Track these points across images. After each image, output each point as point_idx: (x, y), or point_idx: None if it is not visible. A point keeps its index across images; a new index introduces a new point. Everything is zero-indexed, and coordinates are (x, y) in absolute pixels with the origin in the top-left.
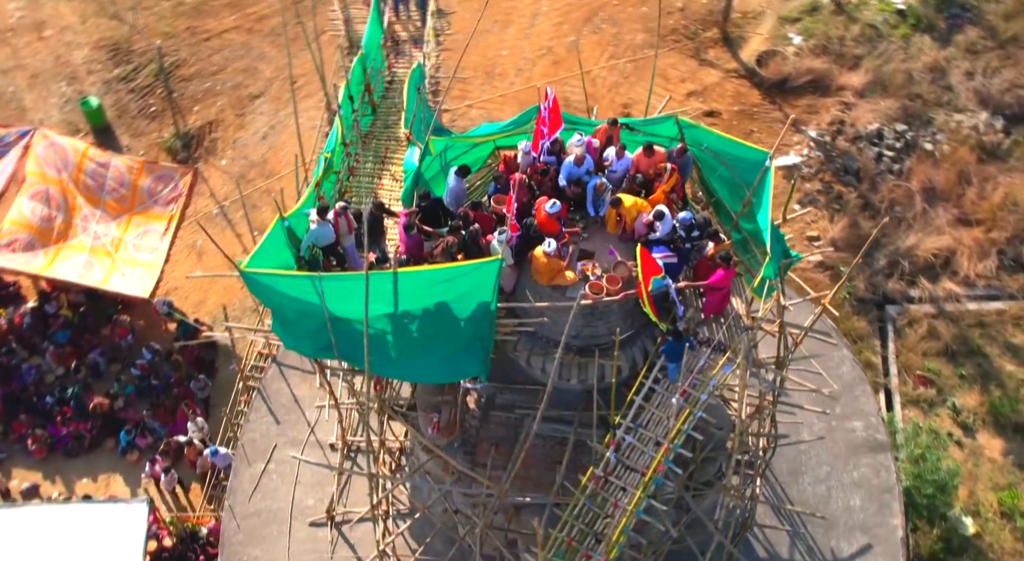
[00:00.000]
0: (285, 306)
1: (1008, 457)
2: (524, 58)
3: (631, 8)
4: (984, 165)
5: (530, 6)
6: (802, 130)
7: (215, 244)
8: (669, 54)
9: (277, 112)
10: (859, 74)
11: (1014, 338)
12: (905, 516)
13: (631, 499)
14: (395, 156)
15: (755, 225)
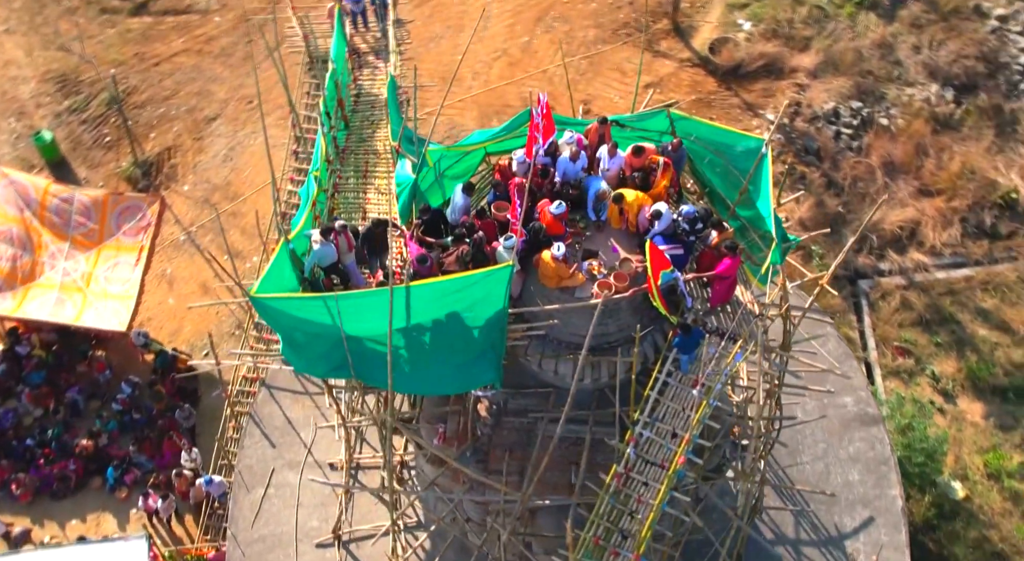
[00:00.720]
0: (296, 329)
1: (989, 420)
2: (480, 62)
3: (581, 5)
4: (939, 136)
5: (480, 10)
6: (760, 114)
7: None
8: (622, 48)
9: (235, 133)
10: (810, 55)
11: (984, 303)
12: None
13: (656, 493)
14: (376, 170)
15: (753, 212)
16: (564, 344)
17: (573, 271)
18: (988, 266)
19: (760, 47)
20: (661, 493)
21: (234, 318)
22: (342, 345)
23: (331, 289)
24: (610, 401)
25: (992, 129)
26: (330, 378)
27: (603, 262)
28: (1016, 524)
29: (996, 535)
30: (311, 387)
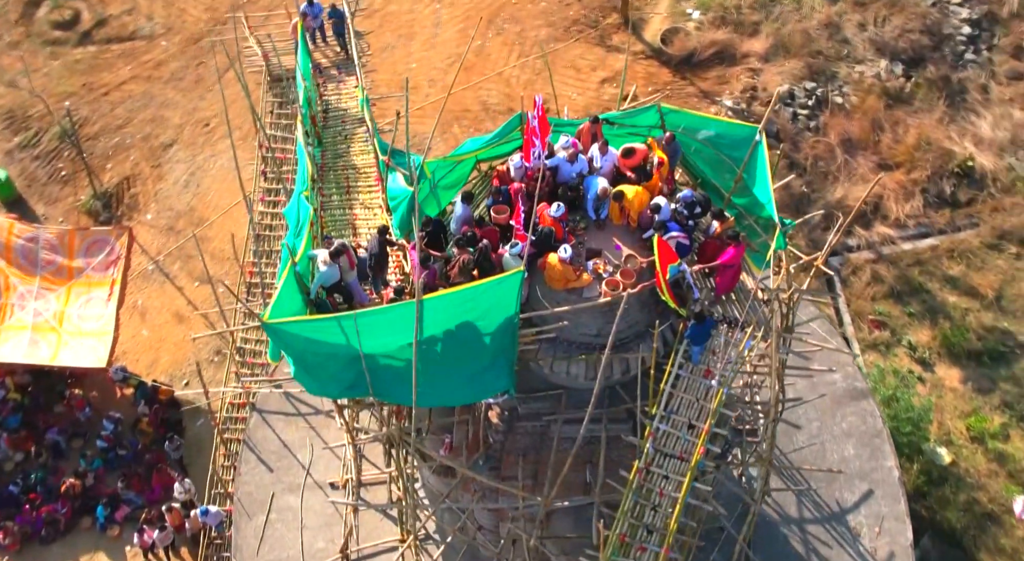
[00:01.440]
0: (309, 351)
1: (967, 384)
2: (434, 68)
3: (530, 5)
4: (892, 110)
5: (430, 16)
6: (717, 101)
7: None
8: (575, 45)
9: (194, 158)
10: (760, 40)
11: (951, 270)
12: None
13: (679, 485)
14: (358, 185)
15: (748, 199)
16: (575, 345)
17: (579, 272)
18: (952, 234)
19: (711, 35)
20: (685, 484)
21: (212, 345)
22: (355, 364)
23: (336, 308)
24: (620, 398)
25: (942, 100)
26: (344, 398)
27: (608, 261)
28: (1003, 484)
29: (985, 497)
30: (303, 408)
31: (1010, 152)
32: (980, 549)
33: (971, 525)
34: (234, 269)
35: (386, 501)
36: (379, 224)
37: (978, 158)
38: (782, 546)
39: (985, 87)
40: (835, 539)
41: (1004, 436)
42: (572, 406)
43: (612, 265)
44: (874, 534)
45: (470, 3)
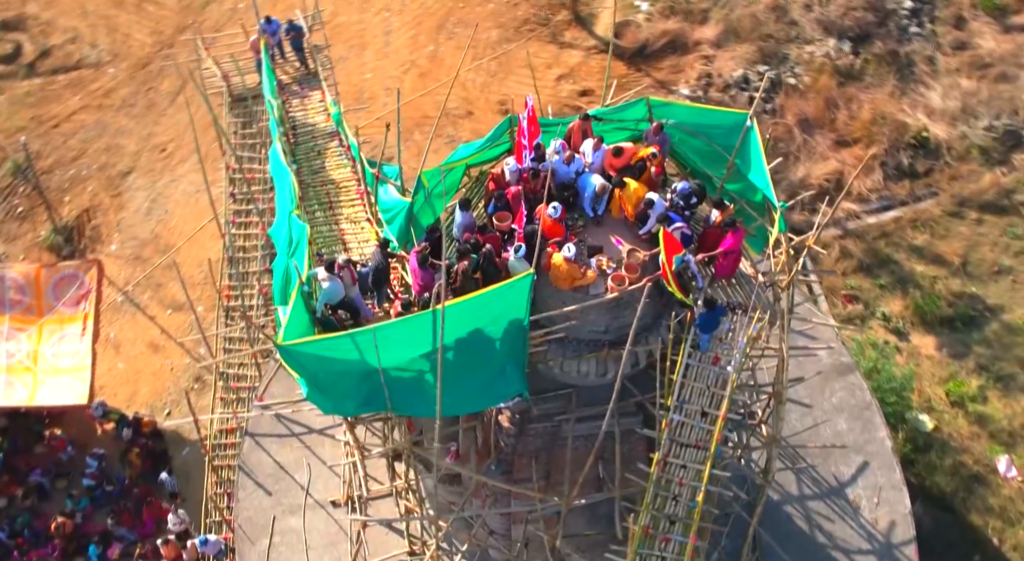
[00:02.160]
0: (323, 370)
1: (942, 350)
2: (389, 77)
3: (479, 8)
4: (845, 88)
5: (380, 25)
6: (674, 90)
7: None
8: (528, 44)
9: (154, 184)
10: (711, 27)
11: (916, 240)
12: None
13: (698, 473)
14: (340, 199)
15: (741, 185)
16: (584, 343)
17: (584, 270)
18: (913, 205)
19: (661, 25)
20: (706, 472)
21: (191, 372)
22: (368, 380)
23: (342, 325)
24: (629, 392)
25: (892, 74)
26: (359, 414)
27: (610, 256)
28: (986, 445)
29: (970, 459)
30: (296, 428)
31: (962, 120)
32: (970, 511)
33: (959, 488)
34: (206, 294)
35: (391, 515)
36: (366, 237)
37: (932, 128)
38: (786, 525)
39: (931, 59)
40: (836, 513)
41: (982, 398)
42: (582, 404)
43: (615, 260)
44: (873, 505)
45: (419, 9)
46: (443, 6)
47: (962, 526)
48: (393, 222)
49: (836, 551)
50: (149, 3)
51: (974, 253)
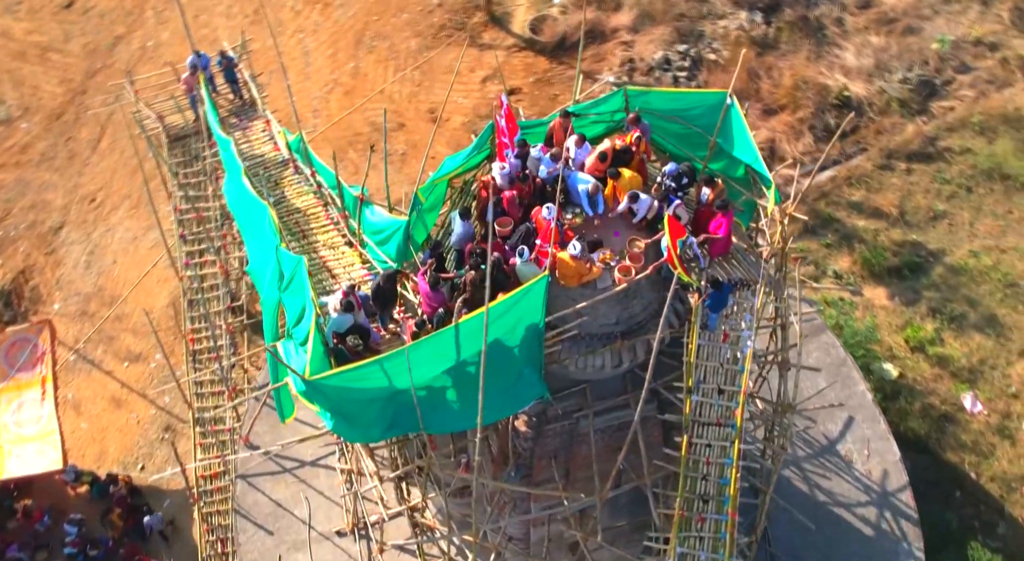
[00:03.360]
0: (348, 400)
1: (895, 300)
2: (315, 98)
3: (393, 19)
4: (764, 57)
5: (296, 47)
6: (599, 78)
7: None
8: (448, 50)
9: (89, 236)
10: (625, 13)
11: (853, 197)
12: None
13: (723, 450)
14: (312, 227)
15: (724, 162)
16: (596, 337)
17: (589, 265)
18: (845, 163)
19: (576, 16)
20: (736, 447)
21: (159, 422)
22: (392, 403)
23: (354, 351)
24: (641, 379)
25: (805, 39)
26: (385, 439)
27: (612, 249)
28: (950, 385)
29: (937, 400)
30: (287, 463)
31: (877, 76)
32: (945, 450)
33: (932, 429)
34: (164, 340)
35: (401, 535)
36: (350, 261)
37: (851, 87)
38: (786, 488)
39: (840, 20)
40: (831, 470)
41: (939, 341)
42: (597, 398)
43: (617, 252)
44: (864, 457)
45: (334, 27)
46: (357, 21)
47: (939, 465)
48: (389, 242)
49: (838, 507)
50: (52, 52)
51: (909, 202)
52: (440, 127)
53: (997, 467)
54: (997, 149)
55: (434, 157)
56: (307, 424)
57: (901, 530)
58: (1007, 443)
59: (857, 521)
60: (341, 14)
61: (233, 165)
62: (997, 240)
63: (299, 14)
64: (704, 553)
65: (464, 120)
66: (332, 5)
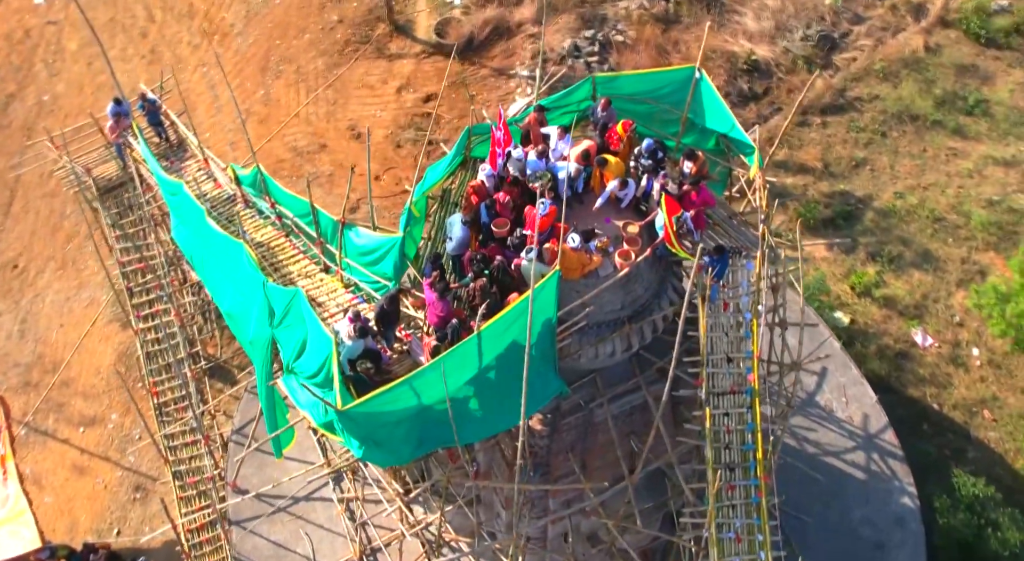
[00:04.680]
0: (379, 424)
1: (834, 250)
2: (229, 130)
3: (295, 41)
4: (668, 33)
5: (201, 81)
6: (512, 74)
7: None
8: (357, 65)
9: (17, 305)
10: (527, 6)
11: (777, 156)
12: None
13: (740, 417)
14: (280, 259)
15: (696, 136)
16: (605, 325)
17: (589, 255)
18: (763, 124)
19: (480, 16)
20: (757, 411)
21: (129, 482)
22: (420, 420)
23: (367, 374)
24: (648, 360)
25: (705, 10)
26: (415, 458)
27: (607, 236)
28: (899, 324)
29: (890, 340)
30: (281, 502)
31: (780, 37)
32: (906, 386)
33: (890, 368)
34: (116, 400)
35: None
36: (333, 287)
37: (757, 51)
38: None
39: None
40: (815, 422)
41: (883, 283)
42: (607, 385)
43: (613, 238)
44: (843, 404)
45: (236, 57)
46: (259, 48)
47: (903, 402)
48: (383, 260)
49: (827, 456)
50: None
51: (830, 154)
52: (363, 142)
53: (957, 395)
54: (903, 92)
55: (362, 174)
56: (294, 459)
57: (890, 468)
58: (961, 371)
59: (848, 466)
60: (241, 42)
61: (189, 208)
62: (917, 179)
63: (197, 48)
64: (739, 520)
65: (386, 132)
66: (230, 35)
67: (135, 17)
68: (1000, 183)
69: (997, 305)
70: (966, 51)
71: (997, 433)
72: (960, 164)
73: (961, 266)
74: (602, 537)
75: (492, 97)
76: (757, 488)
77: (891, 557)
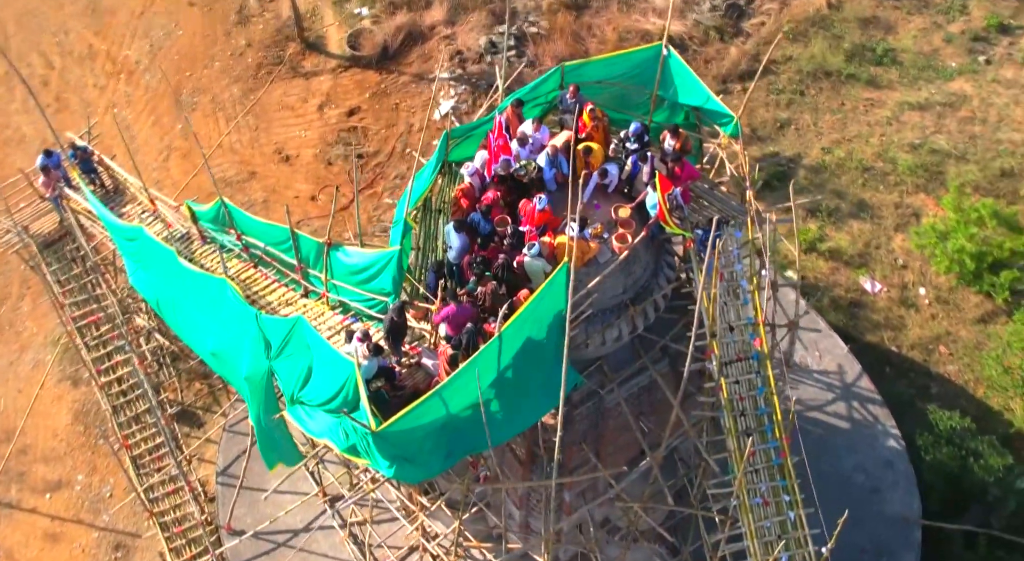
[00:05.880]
0: (411, 440)
1: (773, 210)
2: (152, 168)
3: (205, 71)
4: (581, 18)
5: (115, 123)
6: (433, 78)
7: None
8: (274, 87)
9: None
10: (437, 9)
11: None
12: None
13: (751, 383)
14: (256, 291)
15: (666, 113)
16: (610, 310)
17: (587, 242)
18: None
19: (390, 24)
20: (770, 375)
21: (107, 542)
22: (446, 431)
23: (387, 396)
24: (650, 341)
25: None
26: (444, 469)
27: (600, 222)
28: (847, 274)
29: (841, 291)
30: (280, 537)
31: (689, 10)
32: (864, 334)
33: (846, 318)
34: (81, 460)
35: None
36: (320, 311)
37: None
38: None
39: None
40: (795, 380)
41: (825, 237)
42: (614, 370)
43: (606, 224)
44: (817, 358)
45: (147, 94)
46: (170, 82)
47: (864, 349)
48: (381, 275)
49: (810, 411)
50: None
51: (755, 118)
52: (292, 165)
53: (912, 335)
54: (814, 51)
55: (297, 196)
56: (285, 493)
57: (872, 414)
58: (912, 311)
59: (832, 418)
60: (150, 78)
61: (153, 252)
62: (841, 132)
63: (105, 89)
64: (764, 483)
65: (314, 152)
66: (137, 72)
67: (32, 65)
68: (918, 127)
69: (938, 243)
70: (866, 4)
71: (955, 366)
72: (878, 113)
73: (896, 211)
74: (617, 523)
75: (416, 103)
76: (777, 450)
77: (887, 499)
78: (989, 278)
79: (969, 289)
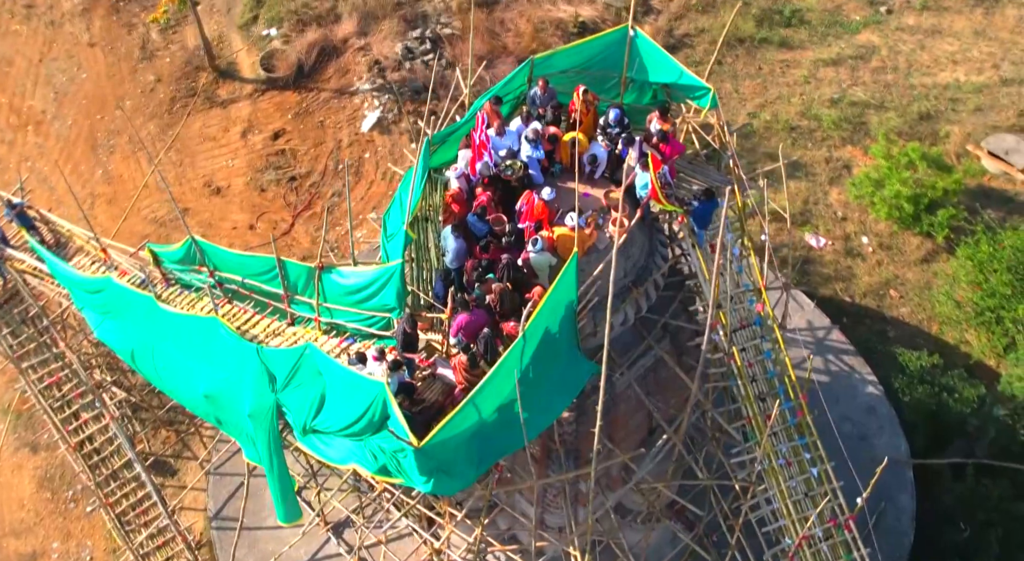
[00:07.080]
0: (449, 451)
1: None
2: (78, 219)
3: (118, 112)
4: (493, 15)
5: (31, 176)
6: (355, 92)
7: None
8: (192, 120)
9: None
10: (347, 22)
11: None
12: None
13: (757, 349)
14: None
15: (635, 94)
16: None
17: (585, 231)
18: None
19: (302, 41)
20: (779, 337)
21: None
22: (477, 438)
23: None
24: (652, 320)
25: None
26: (479, 475)
27: (593, 209)
28: (793, 232)
29: (789, 251)
30: None
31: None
32: (817, 288)
33: (799, 276)
34: (53, 526)
35: None
36: (313, 336)
37: (582, 13)
38: None
39: None
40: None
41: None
42: (621, 354)
43: (599, 210)
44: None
45: (59, 142)
46: (82, 127)
47: (822, 303)
48: (384, 291)
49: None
50: None
51: None
52: (224, 196)
53: (863, 284)
54: (724, 20)
55: (235, 227)
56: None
57: (847, 364)
58: (859, 261)
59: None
60: (60, 126)
61: (126, 301)
62: (763, 96)
63: (13, 144)
64: (784, 445)
65: (245, 180)
66: (45, 122)
67: None
68: (835, 82)
69: (875, 192)
70: None
71: (907, 308)
72: (795, 73)
73: (827, 166)
74: (630, 507)
75: (341, 118)
76: (792, 410)
77: (875, 444)
78: (927, 218)
79: (909, 232)
